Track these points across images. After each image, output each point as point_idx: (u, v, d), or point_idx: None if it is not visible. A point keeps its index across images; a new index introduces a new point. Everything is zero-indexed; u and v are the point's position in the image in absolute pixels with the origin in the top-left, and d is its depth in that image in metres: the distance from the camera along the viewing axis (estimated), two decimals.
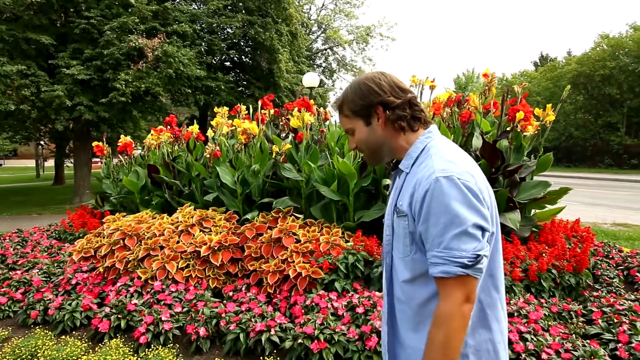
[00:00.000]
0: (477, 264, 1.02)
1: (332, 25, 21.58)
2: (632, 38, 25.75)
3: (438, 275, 1.04)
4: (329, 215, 4.04)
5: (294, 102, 4.42)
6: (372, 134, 1.22)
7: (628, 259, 4.24)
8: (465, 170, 1.07)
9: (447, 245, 1.03)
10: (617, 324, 2.72)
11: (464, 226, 1.02)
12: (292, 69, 15.01)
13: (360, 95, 1.20)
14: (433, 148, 1.16)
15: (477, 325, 1.12)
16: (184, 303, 3.30)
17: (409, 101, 1.20)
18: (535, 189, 4.01)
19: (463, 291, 1.03)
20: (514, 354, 2.39)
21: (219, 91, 13.35)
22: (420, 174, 1.10)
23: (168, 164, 4.91)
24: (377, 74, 1.22)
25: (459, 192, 1.03)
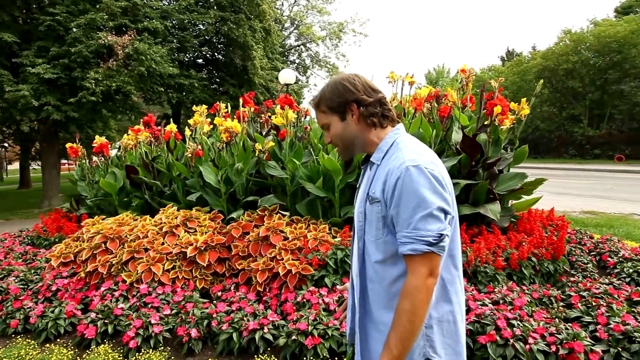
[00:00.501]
0: (440, 242, 1.16)
1: (305, 22, 21.52)
2: (592, 33, 26.83)
3: (407, 253, 1.18)
4: (314, 212, 4.06)
5: (277, 100, 4.41)
6: (347, 128, 1.34)
7: (599, 245, 4.46)
8: (430, 160, 1.22)
9: (415, 226, 1.16)
10: (595, 307, 2.86)
11: (430, 209, 1.15)
12: (266, 66, 14.91)
13: (336, 93, 1.32)
14: (401, 143, 1.29)
15: (439, 299, 1.26)
16: (172, 305, 3.26)
17: (379, 100, 1.33)
18: (512, 180, 4.15)
19: (428, 267, 1.17)
20: (502, 339, 2.48)
21: (192, 89, 13.13)
22: (392, 164, 1.23)
23: (147, 164, 4.81)
24: (352, 75, 1.36)
25: (425, 179, 1.17)
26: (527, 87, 28.20)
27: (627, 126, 26.75)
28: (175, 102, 14.39)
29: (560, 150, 29.07)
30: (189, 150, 4.38)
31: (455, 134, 4.19)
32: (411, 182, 1.17)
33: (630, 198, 10.76)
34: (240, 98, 4.85)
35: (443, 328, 1.25)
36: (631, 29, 24.72)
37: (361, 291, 1.35)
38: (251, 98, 5.03)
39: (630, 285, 3.49)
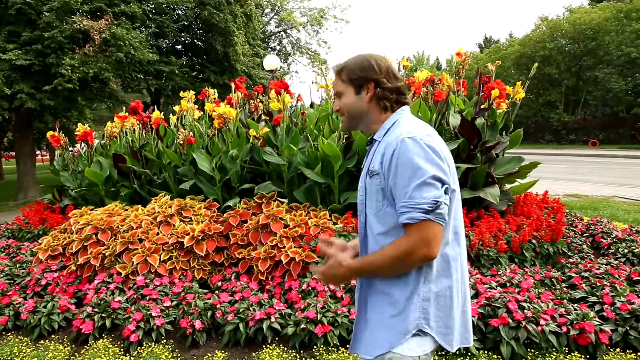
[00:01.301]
0: (437, 209, 1.17)
1: (285, 7, 21.13)
2: (568, 20, 27.31)
3: (405, 222, 1.19)
4: (312, 199, 3.99)
5: (271, 84, 4.28)
6: (358, 102, 1.37)
7: (591, 227, 4.54)
8: (426, 133, 1.26)
9: (410, 194, 1.18)
10: (599, 287, 2.90)
11: (424, 177, 1.17)
12: (248, 52, 14.60)
13: (359, 67, 1.36)
14: (402, 120, 1.34)
15: (441, 274, 1.28)
16: (171, 297, 3.15)
17: (397, 88, 1.37)
18: (509, 164, 4.17)
19: (424, 235, 1.18)
20: (514, 322, 2.49)
21: (172, 76, 12.77)
22: (390, 138, 1.28)
23: (136, 152, 4.63)
24: (380, 57, 1.39)
25: (420, 149, 1.20)
26: (505, 74, 28.59)
27: (601, 112, 27.51)
28: (154, 89, 13.98)
29: (537, 136, 29.72)
30: (180, 137, 4.22)
31: (452, 118, 4.16)
32: (406, 151, 1.20)
33: (608, 181, 11.07)
34: (231, 83, 4.69)
35: (439, 302, 1.27)
36: (605, 16, 25.25)
37: None
38: (242, 83, 4.87)
39: (626, 265, 3.57)
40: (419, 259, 1.20)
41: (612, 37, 24.97)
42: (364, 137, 3.80)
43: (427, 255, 1.20)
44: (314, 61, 21.76)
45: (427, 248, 1.19)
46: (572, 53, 27.23)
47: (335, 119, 4.19)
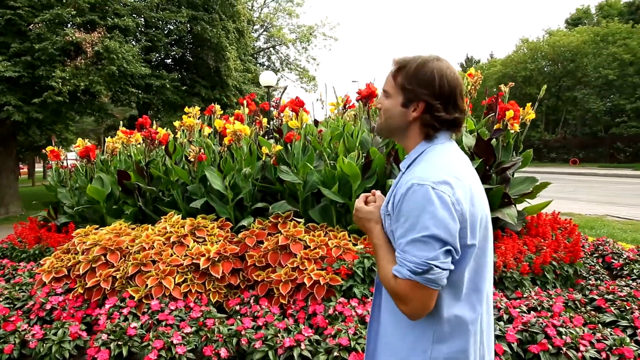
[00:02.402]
0: (426, 273, 1.04)
1: (275, 24, 21.29)
2: (547, 42, 28.33)
3: (393, 273, 1.10)
4: (328, 218, 3.91)
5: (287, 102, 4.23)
6: (400, 115, 1.20)
7: (599, 247, 4.59)
8: (444, 180, 1.08)
9: (403, 247, 1.08)
10: (629, 310, 2.89)
11: (421, 233, 1.05)
12: (239, 68, 14.58)
13: (419, 79, 1.15)
14: (428, 154, 1.18)
15: (455, 336, 1.15)
16: (190, 322, 3.01)
17: (452, 120, 1.18)
18: (523, 184, 4.20)
19: (408, 295, 1.07)
20: (554, 348, 2.44)
21: (163, 90, 12.61)
22: (406, 177, 1.14)
23: (141, 168, 4.49)
24: (451, 74, 1.17)
25: (427, 201, 1.06)
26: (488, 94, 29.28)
27: (580, 131, 28.39)
28: (143, 103, 13.79)
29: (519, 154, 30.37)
30: (191, 154, 4.11)
31: (465, 138, 4.18)
32: (411, 200, 1.08)
33: (595, 199, 11.34)
34: (243, 99, 4.62)
35: None
36: (583, 39, 26.28)
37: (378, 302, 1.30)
38: (253, 99, 4.81)
39: None
40: (402, 311, 1.12)
41: (590, 59, 25.97)
42: (382, 157, 3.77)
43: (407, 315, 1.11)
44: (303, 77, 21.88)
45: (408, 309, 1.09)
46: (552, 74, 28.16)
47: (350, 137, 4.16)
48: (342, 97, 4.82)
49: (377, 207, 1.27)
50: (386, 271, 1.14)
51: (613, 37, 25.63)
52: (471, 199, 1.13)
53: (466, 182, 1.13)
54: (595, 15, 34.45)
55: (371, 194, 1.34)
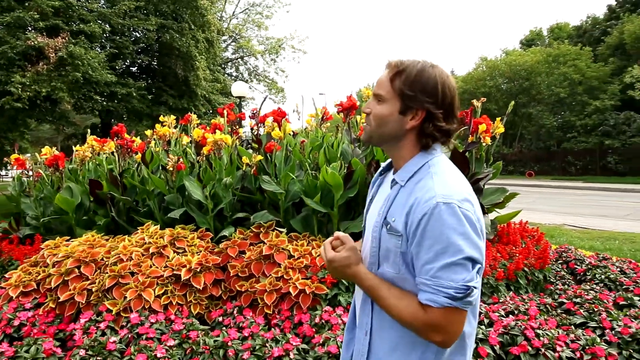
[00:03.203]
0: (467, 297, 1.00)
1: (244, 35, 21.28)
2: (504, 61, 29.77)
3: (425, 303, 1.03)
4: (310, 228, 3.94)
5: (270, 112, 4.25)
6: (396, 123, 1.12)
7: (563, 254, 4.85)
8: (466, 198, 1.05)
9: (435, 273, 1.01)
10: (597, 312, 3.08)
11: (456, 257, 0.99)
12: (208, 77, 14.45)
13: (421, 86, 1.09)
14: (435, 167, 1.12)
15: (454, 353, 1.13)
16: (172, 335, 2.93)
17: (449, 131, 1.14)
18: (494, 194, 4.39)
19: (446, 324, 1.02)
20: (533, 349, 2.56)
21: (129, 98, 12.29)
22: (420, 193, 1.07)
23: (115, 178, 4.35)
24: (453, 84, 1.13)
25: (457, 221, 1.01)
26: None
27: (535, 145, 29.88)
28: (106, 111, 13.38)
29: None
30: (169, 164, 4.04)
31: None
32: (439, 221, 1.01)
33: (553, 210, 11.94)
34: (223, 109, 4.60)
35: None
36: (537, 59, 27.83)
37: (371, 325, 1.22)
38: (231, 109, 4.80)
39: (604, 289, 3.82)
40: (432, 342, 1.06)
41: (543, 78, 27.51)
42: (363, 168, 3.85)
43: (443, 344, 1.06)
44: (271, 89, 21.91)
45: (445, 336, 1.04)
46: (509, 91, 29.56)
47: (331, 147, 4.22)
48: (321, 109, 4.90)
49: (350, 249, 1.19)
50: (403, 306, 1.07)
51: (564, 58, 27.34)
52: (481, 215, 1.11)
53: (476, 199, 1.11)
54: (547, 37, 36.69)
55: (334, 239, 1.26)
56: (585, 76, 26.39)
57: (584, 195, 16.75)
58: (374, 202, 1.28)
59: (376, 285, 1.13)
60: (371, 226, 1.21)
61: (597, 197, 15.71)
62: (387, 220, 1.12)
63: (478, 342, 2.59)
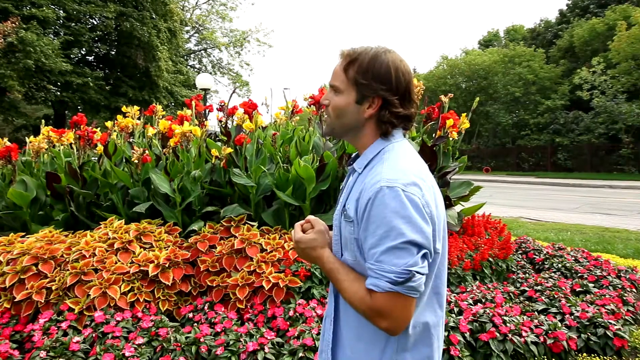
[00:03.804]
0: (408, 282, 0.98)
1: (207, 27, 20.75)
2: (464, 60, 30.74)
3: (369, 288, 1.02)
4: (281, 221, 3.91)
5: (241, 104, 4.16)
6: (354, 113, 1.12)
7: (522, 245, 5.08)
8: (413, 181, 1.04)
9: (378, 257, 1.00)
10: (557, 299, 3.24)
11: (398, 240, 0.98)
12: (171, 69, 14.00)
13: (375, 73, 1.08)
14: (388, 153, 1.12)
15: (419, 343, 1.12)
16: (140, 332, 2.83)
17: (408, 115, 1.14)
18: (460, 187, 4.52)
19: (388, 309, 1.00)
20: (501, 335, 2.67)
21: (85, 89, 11.71)
22: (368, 179, 1.07)
23: (75, 171, 4.13)
24: (405, 67, 1.12)
25: (400, 205, 0.99)
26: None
27: (492, 142, 31.08)
28: (59, 101, 12.69)
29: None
30: (134, 156, 3.88)
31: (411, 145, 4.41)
32: (381, 205, 1.00)
33: (509, 204, 12.48)
34: (192, 100, 4.46)
35: None
36: (494, 59, 28.90)
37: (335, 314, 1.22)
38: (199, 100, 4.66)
39: (561, 277, 4.04)
40: (380, 328, 1.05)
41: (500, 77, 28.62)
42: (335, 161, 3.86)
43: (390, 330, 1.04)
44: (236, 82, 21.53)
45: (390, 323, 1.02)
46: (468, 89, 30.57)
47: (302, 141, 4.20)
48: (291, 102, 4.86)
49: (318, 232, 1.20)
50: (354, 290, 1.07)
51: (519, 58, 28.54)
52: (435, 201, 1.09)
53: (429, 184, 1.09)
54: (504, 38, 38.17)
55: (305, 222, 1.26)
56: (539, 77, 27.68)
57: (537, 189, 17.62)
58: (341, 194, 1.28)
59: (336, 268, 1.12)
60: (335, 214, 1.22)
61: (548, 192, 16.57)
62: (345, 208, 1.12)
63: (449, 330, 2.66)
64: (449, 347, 2.54)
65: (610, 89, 22.92)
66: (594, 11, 29.72)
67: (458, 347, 2.55)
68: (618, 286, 3.69)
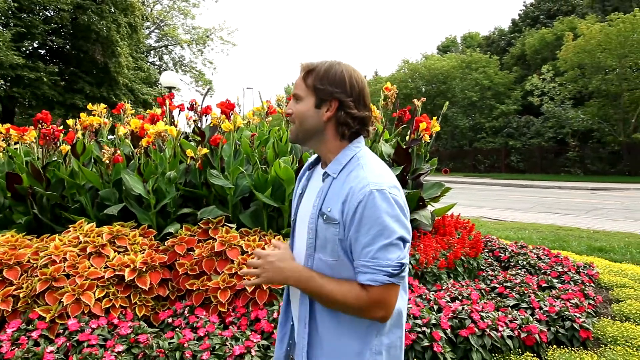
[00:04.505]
0: (402, 272, 1.13)
1: (168, 23, 20.14)
2: (424, 65, 31.62)
3: (366, 283, 1.13)
4: (260, 223, 3.88)
5: (217, 104, 4.08)
6: (314, 117, 1.22)
7: (488, 243, 5.31)
8: (394, 184, 1.18)
9: (374, 255, 1.11)
10: (526, 294, 3.42)
11: (391, 238, 1.11)
12: (131, 65, 13.50)
13: (330, 79, 1.20)
14: (363, 159, 1.22)
15: (393, 326, 1.23)
16: (119, 340, 2.72)
17: (363, 118, 1.23)
18: (432, 189, 4.67)
19: (386, 299, 1.13)
20: (479, 330, 2.78)
21: (38, 84, 11.08)
22: (353, 183, 1.16)
23: (38, 171, 3.91)
24: (358, 75, 1.25)
25: (389, 206, 1.12)
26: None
27: (450, 144, 32.16)
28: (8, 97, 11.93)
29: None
30: (105, 156, 3.73)
31: (384, 147, 4.52)
32: (374, 207, 1.11)
33: (468, 204, 12.97)
34: (164, 98, 4.34)
35: (390, 353, 1.24)
36: (452, 64, 29.92)
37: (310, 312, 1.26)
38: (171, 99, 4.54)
39: (526, 274, 4.26)
40: (373, 318, 1.17)
41: (457, 82, 29.68)
42: None
43: (384, 318, 1.17)
44: (199, 80, 21.04)
45: (386, 311, 1.15)
46: (428, 93, 31.46)
47: (280, 141, 4.19)
48: (265, 102, 4.83)
49: (286, 247, 1.31)
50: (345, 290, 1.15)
51: (475, 64, 29.73)
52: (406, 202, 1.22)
53: (400, 188, 1.22)
54: (461, 44, 39.62)
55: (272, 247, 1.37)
56: (494, 82, 28.95)
57: (493, 190, 18.43)
58: (305, 195, 1.34)
59: (311, 276, 1.20)
60: (306, 219, 1.27)
61: (504, 192, 17.37)
62: (323, 211, 1.19)
63: (432, 327, 2.75)
64: (432, 343, 2.62)
65: (558, 96, 24.36)
66: (543, 22, 31.48)
67: (440, 344, 2.64)
68: (578, 281, 3.94)
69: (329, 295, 1.17)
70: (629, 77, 22.03)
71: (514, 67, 30.56)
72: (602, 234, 7.41)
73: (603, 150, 24.16)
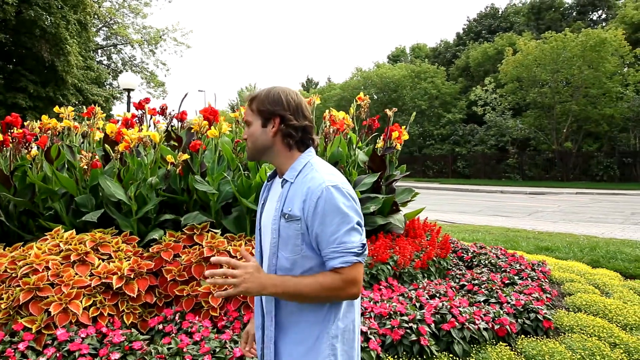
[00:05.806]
0: (365, 251, 1.33)
1: (118, 21, 19.33)
2: (376, 73, 32.60)
3: (338, 266, 1.29)
4: (243, 228, 3.93)
5: (200, 110, 4.08)
6: (263, 135, 1.41)
7: (451, 245, 5.66)
8: (344, 181, 1.37)
9: (341, 240, 1.28)
10: (494, 290, 3.74)
11: (352, 223, 1.30)
12: (80, 64, 12.87)
13: (269, 101, 1.40)
14: (315, 164, 1.40)
15: (346, 310, 1.39)
16: (112, 348, 2.69)
17: (304, 127, 1.42)
18: (404, 194, 4.94)
19: (356, 276, 1.30)
20: (459, 324, 3.04)
21: None
22: (310, 183, 1.33)
23: (6, 177, 3.72)
24: (293, 93, 1.45)
25: (344, 197, 1.31)
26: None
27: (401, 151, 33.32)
28: None
29: None
30: (83, 161, 3.63)
31: (360, 155, 4.73)
32: (332, 199, 1.28)
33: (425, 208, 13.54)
34: (140, 102, 4.27)
35: (345, 337, 1.38)
36: (403, 74, 31.10)
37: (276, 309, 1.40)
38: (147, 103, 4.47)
39: (489, 272, 4.62)
40: (349, 296, 1.32)
41: (408, 91, 30.88)
42: None
43: (357, 294, 1.33)
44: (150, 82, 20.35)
45: (358, 287, 1.31)
46: (380, 101, 32.46)
47: None
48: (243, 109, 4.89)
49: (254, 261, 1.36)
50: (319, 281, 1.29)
51: (424, 74, 31.09)
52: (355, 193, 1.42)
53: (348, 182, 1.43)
54: (410, 55, 41.21)
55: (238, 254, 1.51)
56: (441, 92, 30.43)
57: (442, 194, 19.35)
58: (267, 203, 1.50)
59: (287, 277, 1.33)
60: (269, 222, 1.42)
61: (453, 196, 18.31)
62: (284, 212, 1.35)
63: (417, 322, 2.96)
64: (419, 337, 2.83)
65: (499, 106, 26.07)
66: (485, 36, 33.56)
67: (427, 337, 2.85)
68: (535, 277, 4.35)
69: (307, 287, 1.29)
70: (560, 90, 24.04)
71: (459, 78, 32.28)
72: (546, 235, 8.10)
73: (539, 157, 26.12)
